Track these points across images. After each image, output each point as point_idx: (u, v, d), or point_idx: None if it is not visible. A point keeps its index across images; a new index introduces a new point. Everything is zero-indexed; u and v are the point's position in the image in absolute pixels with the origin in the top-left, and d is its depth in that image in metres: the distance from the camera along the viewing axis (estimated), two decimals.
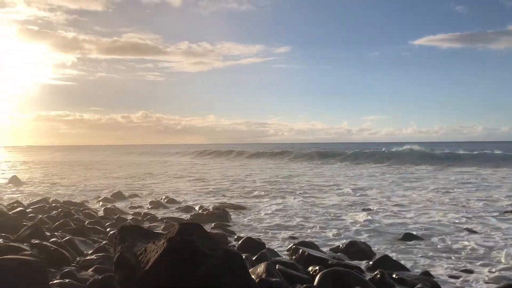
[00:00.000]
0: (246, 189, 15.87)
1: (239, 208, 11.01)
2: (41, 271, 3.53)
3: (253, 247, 6.63)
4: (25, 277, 3.17)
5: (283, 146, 69.99)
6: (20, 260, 3.44)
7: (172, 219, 9.36)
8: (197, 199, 13.55)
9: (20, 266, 3.27)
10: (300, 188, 16.15)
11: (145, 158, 51.37)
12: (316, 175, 22.85)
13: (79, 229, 7.60)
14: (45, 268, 3.77)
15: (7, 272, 3.12)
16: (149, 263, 2.97)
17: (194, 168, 30.79)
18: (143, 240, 3.47)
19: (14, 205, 11.01)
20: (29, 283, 3.17)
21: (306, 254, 6.13)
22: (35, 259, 3.82)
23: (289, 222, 9.36)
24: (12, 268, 3.18)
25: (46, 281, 3.58)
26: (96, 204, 12.28)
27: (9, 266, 3.19)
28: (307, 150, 41.02)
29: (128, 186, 17.46)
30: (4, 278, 3.10)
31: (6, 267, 3.16)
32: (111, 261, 5.25)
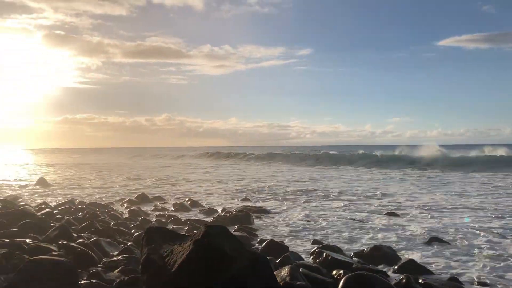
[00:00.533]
0: (269, 192, 15.86)
1: (262, 211, 11.00)
2: (72, 271, 3.60)
3: (276, 250, 6.62)
4: (58, 277, 3.25)
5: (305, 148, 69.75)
6: (53, 261, 3.53)
7: (196, 221, 9.42)
8: (220, 201, 13.61)
9: (53, 266, 3.35)
10: (323, 191, 16.05)
11: (168, 161, 51.84)
12: (339, 179, 22.67)
13: (104, 230, 7.72)
14: (76, 269, 3.84)
15: (41, 272, 3.20)
16: (176, 265, 3.00)
17: (216, 171, 30.93)
18: (169, 242, 3.51)
19: (41, 206, 11.27)
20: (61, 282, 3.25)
21: (330, 257, 6.08)
22: (66, 259, 3.90)
23: (312, 226, 9.31)
24: (46, 268, 3.26)
25: (77, 281, 3.65)
26: (121, 206, 12.45)
27: (43, 266, 3.27)
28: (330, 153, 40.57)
29: (152, 189, 17.66)
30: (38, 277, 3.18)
31: (40, 267, 3.24)
32: (136, 262, 5.32)
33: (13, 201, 12.39)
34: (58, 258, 3.83)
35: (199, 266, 2.99)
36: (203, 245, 3.03)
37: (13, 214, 8.77)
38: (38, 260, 3.48)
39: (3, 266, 5.01)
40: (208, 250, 2.99)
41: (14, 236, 6.79)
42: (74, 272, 3.67)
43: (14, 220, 8.16)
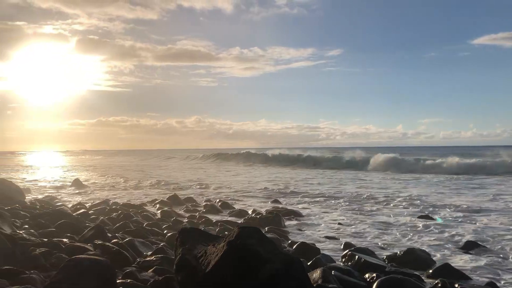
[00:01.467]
0: (300, 195, 15.81)
1: (292, 213, 10.96)
2: (111, 270, 3.69)
3: (307, 253, 6.60)
4: (97, 276, 3.34)
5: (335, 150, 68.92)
6: (92, 260, 3.62)
7: (226, 223, 9.47)
8: (250, 203, 13.65)
9: (92, 265, 3.44)
10: (353, 195, 15.89)
11: (198, 162, 52.32)
12: (370, 182, 22.39)
13: (138, 231, 7.86)
14: (114, 268, 3.93)
15: (81, 270, 3.29)
16: (210, 266, 3.03)
17: (247, 173, 31.03)
18: (202, 243, 3.55)
19: (77, 206, 11.58)
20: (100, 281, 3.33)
21: (362, 260, 6.01)
22: (105, 259, 4.00)
23: (344, 229, 9.22)
24: (85, 267, 3.35)
25: (115, 281, 3.73)
26: (153, 206, 12.65)
27: (83, 265, 3.36)
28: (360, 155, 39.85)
29: (183, 190, 17.88)
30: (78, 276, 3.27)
31: (80, 266, 3.33)
32: (170, 263, 5.40)
33: (50, 202, 12.79)
34: (97, 258, 3.92)
35: (233, 267, 3.01)
36: (237, 246, 3.05)
37: (50, 214, 9.05)
38: (78, 259, 3.58)
39: (42, 264, 5.18)
40: (242, 251, 3.01)
41: (52, 235, 7.00)
42: (112, 271, 3.75)
43: (52, 220, 8.43)
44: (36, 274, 4.64)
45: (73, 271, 3.28)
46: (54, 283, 3.34)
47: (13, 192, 13.38)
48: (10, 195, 12.54)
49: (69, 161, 65.12)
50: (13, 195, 12.75)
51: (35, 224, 8.24)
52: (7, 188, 13.35)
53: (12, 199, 11.90)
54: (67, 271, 3.31)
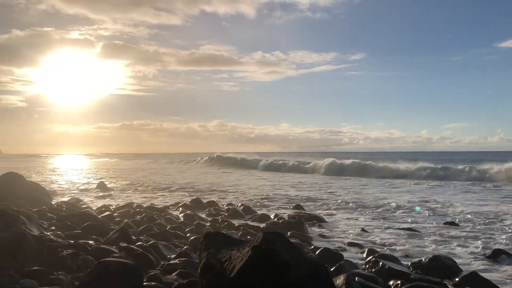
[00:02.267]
0: (322, 201, 15.73)
1: (315, 218, 10.89)
2: (138, 273, 3.73)
3: (330, 258, 6.54)
4: (124, 278, 3.39)
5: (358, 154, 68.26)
6: (120, 263, 3.67)
7: (249, 227, 9.47)
8: (272, 208, 13.64)
9: (121, 268, 3.49)
10: (377, 201, 15.72)
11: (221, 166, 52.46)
12: (394, 188, 22.12)
13: (161, 234, 7.92)
14: (141, 272, 3.98)
15: (110, 273, 3.35)
16: (234, 270, 3.04)
17: (269, 178, 31.01)
18: (227, 247, 3.56)
19: (102, 209, 11.77)
20: (128, 284, 3.38)
21: (386, 267, 5.93)
22: (132, 262, 4.05)
23: (367, 235, 9.12)
24: (114, 269, 3.41)
25: (142, 283, 3.78)
26: (176, 210, 12.75)
27: (111, 268, 3.42)
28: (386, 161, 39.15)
29: (206, 194, 17.97)
30: (106, 278, 3.33)
31: (108, 269, 3.39)
32: (193, 266, 5.43)
33: (76, 204, 13.03)
34: (125, 261, 3.98)
35: (258, 272, 3.01)
36: (262, 251, 3.05)
37: (76, 216, 9.22)
38: (106, 262, 3.64)
39: (69, 266, 5.28)
40: (267, 257, 3.01)
41: (78, 237, 7.13)
42: (139, 274, 3.80)
43: (77, 222, 8.58)
44: (64, 275, 4.74)
45: (102, 274, 3.33)
46: (83, 285, 3.40)
47: (40, 194, 13.71)
48: (37, 197, 12.85)
49: (93, 164, 66.24)
50: (40, 197, 13.06)
51: (61, 226, 8.41)
52: (34, 190, 13.68)
53: (39, 201, 12.18)
54: (96, 273, 3.37)
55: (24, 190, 12.93)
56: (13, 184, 12.92)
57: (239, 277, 3.03)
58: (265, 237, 3.17)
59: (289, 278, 2.95)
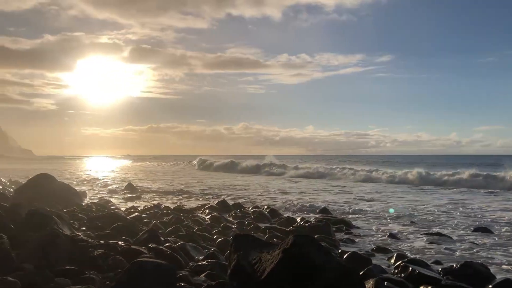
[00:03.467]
0: (349, 205, 15.60)
1: (342, 222, 10.78)
2: (172, 273, 3.79)
3: (358, 263, 6.47)
4: (159, 278, 3.44)
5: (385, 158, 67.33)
6: (154, 262, 3.73)
7: (275, 230, 9.45)
8: (299, 211, 13.59)
9: (156, 268, 3.55)
10: (407, 206, 15.49)
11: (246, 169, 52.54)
12: (424, 193, 21.75)
13: (189, 235, 8.00)
14: (175, 271, 4.03)
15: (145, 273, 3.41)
16: (265, 273, 3.04)
17: (296, 181, 30.92)
18: (256, 249, 3.57)
19: (130, 210, 11.96)
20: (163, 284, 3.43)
21: (416, 272, 5.82)
22: (166, 262, 4.11)
23: (396, 240, 8.99)
24: (149, 269, 3.47)
25: (175, 283, 3.83)
26: (202, 212, 12.84)
27: (146, 267, 3.48)
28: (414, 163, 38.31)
29: (232, 196, 18.05)
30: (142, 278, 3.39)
31: (144, 268, 3.45)
32: (221, 268, 5.47)
33: (105, 205, 13.27)
34: (159, 260, 4.05)
35: (288, 275, 3.01)
36: (292, 254, 3.05)
37: (105, 217, 9.40)
38: (141, 262, 3.71)
39: (100, 265, 5.39)
40: (297, 260, 3.01)
41: (108, 238, 7.27)
42: (173, 273, 3.86)
43: (107, 222, 8.75)
44: (95, 274, 4.85)
45: (137, 273, 3.40)
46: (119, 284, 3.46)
47: (71, 195, 14.04)
48: (68, 198, 13.16)
49: (122, 165, 67.36)
50: (71, 198, 13.37)
51: (91, 226, 8.59)
52: (65, 191, 14.02)
53: (70, 202, 12.48)
54: (132, 273, 3.43)
55: (56, 191, 13.26)
56: (45, 185, 13.27)
57: (270, 279, 3.03)
58: (295, 240, 3.16)
59: (320, 281, 2.93)
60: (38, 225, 6.75)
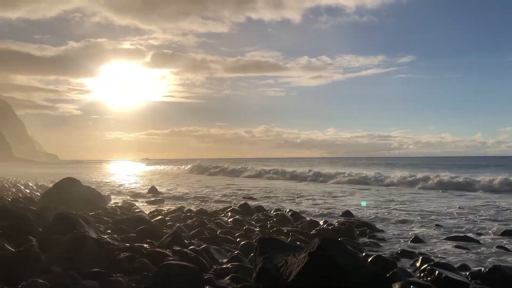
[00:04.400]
0: (372, 208, 15.45)
1: (366, 225, 10.67)
2: (199, 276, 3.81)
3: (383, 266, 6.39)
4: (187, 281, 3.48)
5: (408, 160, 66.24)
6: (182, 265, 3.77)
7: (297, 233, 9.41)
8: (321, 214, 13.52)
9: (182, 270, 3.59)
10: (433, 210, 15.26)
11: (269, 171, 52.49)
12: (452, 197, 21.40)
13: (212, 238, 8.04)
14: (202, 274, 4.06)
15: (172, 275, 3.45)
16: (291, 276, 3.04)
17: (319, 184, 30.78)
18: (281, 252, 3.57)
19: (154, 213, 12.09)
20: (190, 286, 3.46)
21: (443, 276, 5.72)
22: (194, 265, 4.14)
23: (422, 244, 8.85)
24: (176, 272, 3.50)
25: (202, 286, 3.86)
26: (224, 215, 12.88)
27: (174, 270, 3.52)
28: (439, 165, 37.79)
29: (254, 199, 18.07)
30: (170, 281, 3.42)
31: (171, 271, 3.49)
32: (245, 271, 5.48)
33: (129, 208, 13.45)
34: (186, 263, 4.08)
35: (315, 278, 3.00)
36: (319, 257, 3.03)
37: (130, 220, 9.52)
38: (168, 265, 3.75)
39: (126, 268, 5.46)
40: (324, 263, 2.99)
41: (133, 241, 7.35)
42: (200, 276, 3.89)
43: (132, 225, 8.86)
44: (122, 277, 4.90)
45: (165, 276, 3.44)
46: (149, 287, 3.51)
47: (96, 198, 14.27)
48: (93, 201, 13.38)
49: (144, 169, 68.13)
50: (96, 201, 13.59)
51: (116, 229, 8.71)
52: (90, 194, 14.26)
53: (95, 205, 12.68)
54: (160, 276, 3.47)
55: (81, 195, 13.50)
56: (71, 189, 13.54)
57: (296, 283, 3.03)
58: (321, 243, 3.15)
59: (348, 284, 2.91)
60: (65, 229, 6.87)
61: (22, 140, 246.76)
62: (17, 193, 17.15)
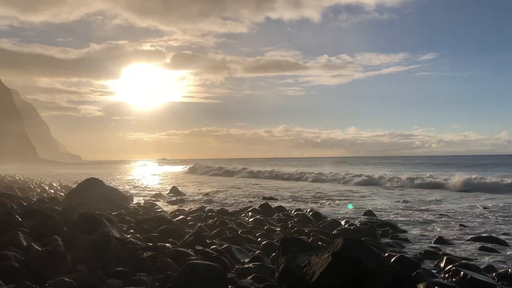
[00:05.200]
0: (394, 208, 15.27)
1: (388, 225, 10.55)
2: (223, 276, 3.83)
3: (406, 266, 6.31)
4: (211, 280, 3.50)
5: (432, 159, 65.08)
6: (206, 265, 3.80)
7: (319, 233, 9.37)
8: (342, 214, 13.43)
9: (207, 270, 3.61)
10: (456, 210, 15.01)
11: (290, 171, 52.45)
12: (475, 196, 21.01)
13: (233, 238, 8.06)
14: (226, 274, 4.08)
15: (197, 275, 3.48)
16: (315, 276, 3.03)
17: (342, 184, 30.58)
18: (304, 252, 3.56)
19: (176, 213, 12.19)
20: (214, 285, 3.48)
21: (468, 277, 5.61)
22: (218, 265, 4.17)
23: (446, 244, 8.71)
24: (201, 272, 3.53)
25: (226, 286, 3.88)
26: (245, 215, 12.90)
27: (198, 269, 3.55)
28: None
29: (275, 199, 18.05)
30: (195, 280, 3.45)
31: (196, 270, 3.52)
32: (267, 271, 5.48)
33: (151, 208, 13.60)
34: (211, 263, 4.11)
35: (339, 278, 2.98)
36: (342, 257, 3.02)
37: (152, 220, 9.61)
38: (193, 264, 3.78)
39: (149, 267, 5.52)
40: (348, 263, 2.97)
41: (156, 240, 7.43)
42: (224, 276, 3.91)
43: (154, 225, 8.95)
44: (145, 276, 4.97)
45: (190, 276, 3.46)
46: (174, 286, 3.54)
47: (119, 198, 14.47)
48: (116, 201, 13.57)
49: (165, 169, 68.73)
50: (118, 201, 13.78)
51: (139, 229, 8.80)
52: (113, 194, 14.46)
53: (117, 205, 12.85)
54: (185, 275, 3.50)
55: (104, 195, 13.71)
56: (94, 189, 13.76)
57: (320, 283, 3.02)
58: (344, 243, 3.13)
59: (372, 285, 2.89)
60: (89, 228, 6.99)
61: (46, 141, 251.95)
62: (42, 193, 17.51)
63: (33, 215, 7.67)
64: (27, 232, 6.68)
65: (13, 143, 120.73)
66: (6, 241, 5.87)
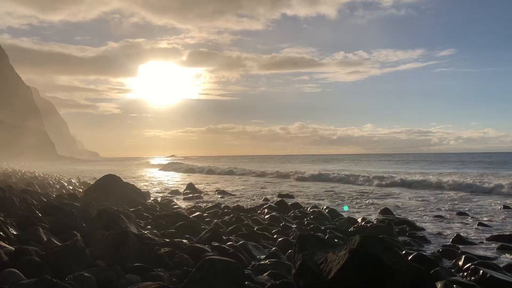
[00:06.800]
0: (412, 206, 15.13)
1: (405, 223, 10.44)
2: (241, 272, 3.85)
3: (424, 264, 6.24)
4: (229, 276, 3.52)
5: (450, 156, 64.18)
6: (225, 261, 3.82)
7: (335, 230, 9.33)
8: (359, 211, 13.35)
9: (225, 266, 3.63)
10: (475, 208, 14.80)
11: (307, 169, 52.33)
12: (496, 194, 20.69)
13: (250, 234, 8.08)
14: (244, 270, 4.10)
15: (216, 271, 3.50)
16: (332, 273, 3.02)
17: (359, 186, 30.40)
18: (321, 249, 3.55)
19: (192, 209, 12.27)
20: (232, 281, 3.50)
21: (488, 276, 5.53)
22: (235, 261, 4.19)
23: (465, 242, 8.59)
24: (219, 268, 3.56)
25: (244, 282, 3.90)
26: (260, 212, 12.91)
27: (217, 265, 3.58)
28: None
29: (290, 197, 18.04)
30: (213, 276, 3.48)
31: (214, 266, 3.55)
32: (283, 267, 5.49)
33: (168, 204, 13.71)
34: (229, 259, 4.13)
35: (356, 276, 2.97)
36: (360, 254, 3.00)
37: (169, 216, 9.70)
38: (212, 260, 3.81)
39: (166, 263, 5.57)
40: (365, 260, 2.96)
41: (173, 236, 7.50)
42: (242, 272, 3.93)
43: (171, 221, 9.03)
44: (163, 271, 5.02)
45: (208, 271, 3.49)
46: (191, 281, 3.57)
47: (136, 194, 14.63)
48: (133, 198, 13.72)
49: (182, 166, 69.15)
50: (136, 198, 13.93)
51: (156, 225, 8.90)
52: (130, 191, 14.63)
53: (135, 201, 12.99)
54: (204, 271, 3.53)
55: (122, 191, 13.88)
56: (112, 185, 13.94)
57: (337, 280, 3.01)
58: (362, 240, 3.11)
59: (390, 283, 2.87)
60: (107, 224, 7.09)
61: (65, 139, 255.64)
62: (61, 189, 17.80)
63: (52, 211, 7.80)
64: (47, 228, 6.80)
65: (33, 140, 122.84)
66: (27, 236, 5.99)
